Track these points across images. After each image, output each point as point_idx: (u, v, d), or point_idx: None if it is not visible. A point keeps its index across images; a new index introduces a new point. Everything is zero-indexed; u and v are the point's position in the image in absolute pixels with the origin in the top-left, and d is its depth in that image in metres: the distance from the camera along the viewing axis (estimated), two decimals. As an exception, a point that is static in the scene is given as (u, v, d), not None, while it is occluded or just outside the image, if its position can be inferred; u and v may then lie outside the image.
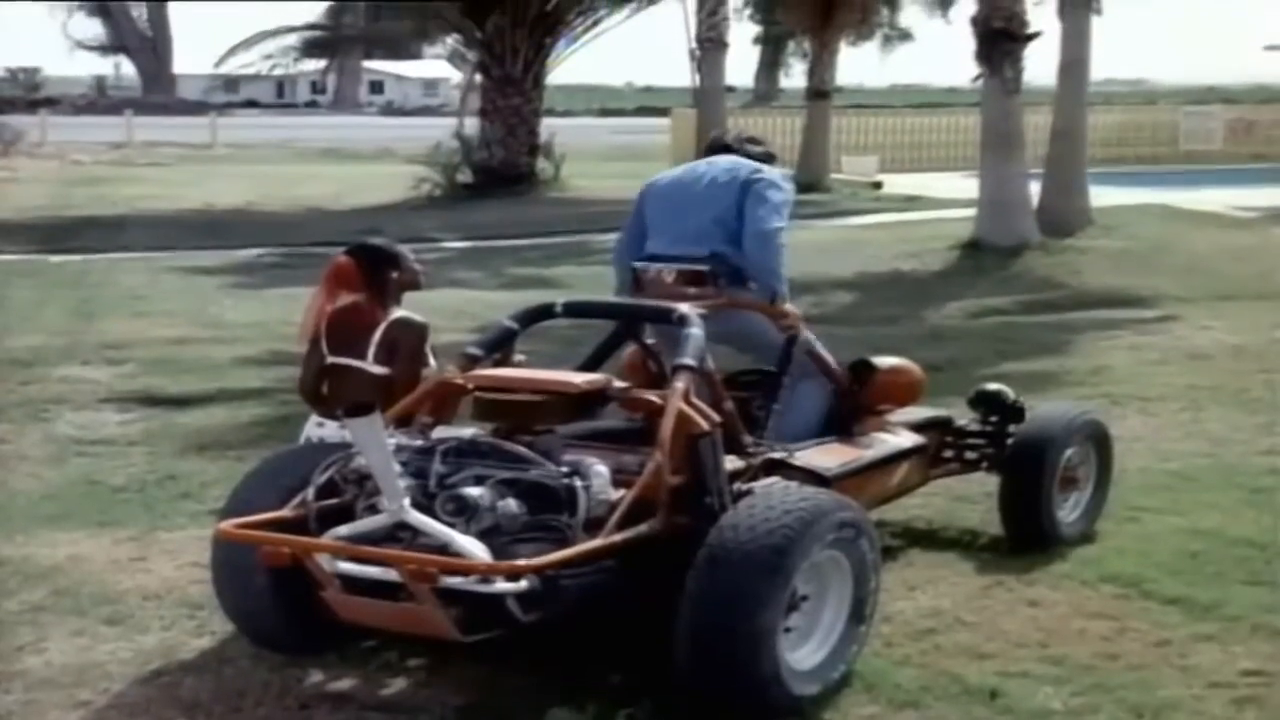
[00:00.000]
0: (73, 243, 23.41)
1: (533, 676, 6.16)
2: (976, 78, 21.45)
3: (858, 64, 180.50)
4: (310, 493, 6.02)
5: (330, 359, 7.21)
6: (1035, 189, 21.99)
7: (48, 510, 8.74)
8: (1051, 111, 23.58)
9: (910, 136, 40.15)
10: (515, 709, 5.91)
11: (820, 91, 34.49)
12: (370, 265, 7.35)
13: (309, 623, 6.14)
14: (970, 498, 8.62)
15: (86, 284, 19.21)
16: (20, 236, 24.37)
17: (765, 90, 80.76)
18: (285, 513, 6.00)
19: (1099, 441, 8.30)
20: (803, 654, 5.89)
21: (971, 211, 21.93)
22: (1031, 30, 21.16)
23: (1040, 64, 22.53)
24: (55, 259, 21.67)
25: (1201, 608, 7.02)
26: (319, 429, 7.20)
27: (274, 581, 6.02)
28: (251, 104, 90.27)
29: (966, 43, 21.40)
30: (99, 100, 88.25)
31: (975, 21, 21.19)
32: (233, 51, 38.51)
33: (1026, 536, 7.91)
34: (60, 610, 7.03)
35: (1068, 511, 8.07)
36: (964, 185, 25.80)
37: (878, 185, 33.16)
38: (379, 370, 7.09)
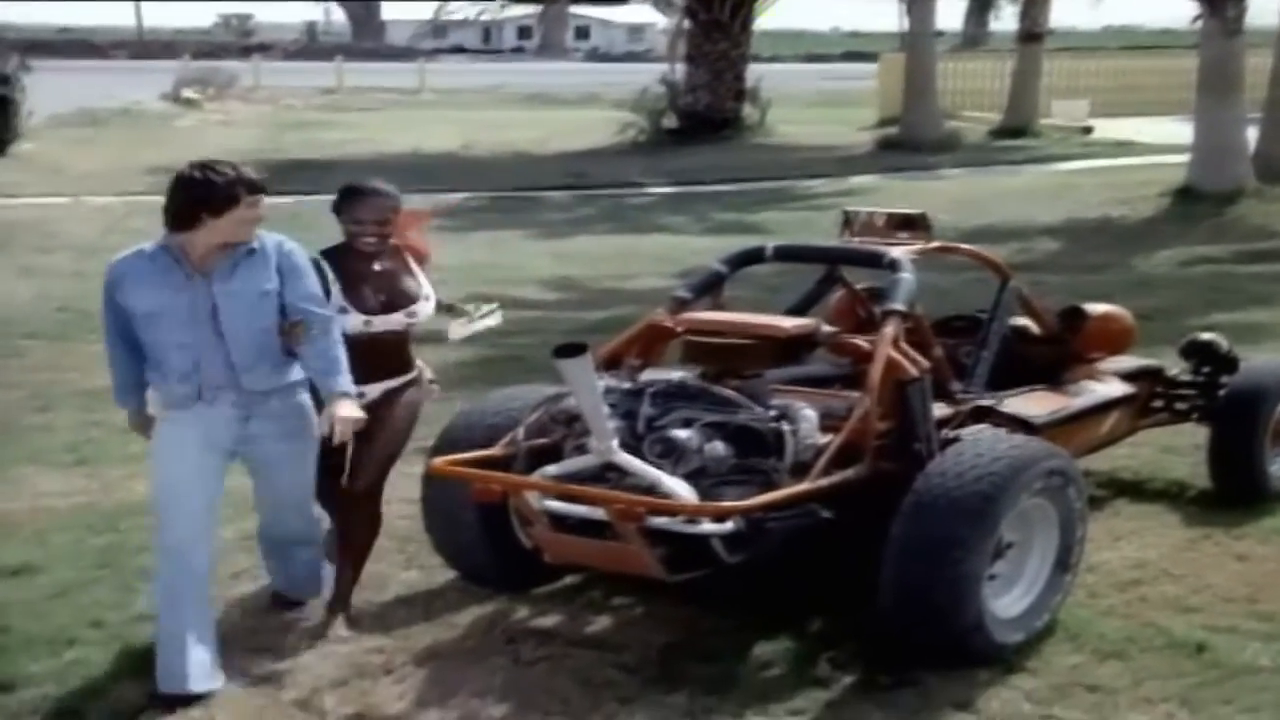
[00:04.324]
0: (285, 185, 23.80)
1: (736, 618, 6.22)
2: (1196, 18, 20.93)
3: (1070, 5, 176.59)
4: (520, 432, 6.12)
5: None
6: (1252, 134, 21.43)
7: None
8: (1272, 53, 22.89)
9: (1123, 80, 39.30)
10: (718, 649, 5.97)
11: (1032, 34, 33.87)
12: None
13: (516, 559, 6.26)
14: (1178, 449, 8.48)
15: (298, 225, 19.41)
16: (235, 179, 24.88)
17: (974, 34, 79.51)
18: (494, 451, 6.12)
19: (1315, 395, 8.11)
20: (1007, 602, 5.88)
21: (1185, 157, 21.42)
22: (1255, -31, 20.57)
23: (1262, 2, 21.90)
24: (268, 200, 22.14)
25: None
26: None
27: (483, 518, 6.15)
28: (458, 50, 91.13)
29: (1185, -18, 20.88)
30: (310, 46, 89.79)
31: (1195, -40, 20.65)
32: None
33: (1236, 490, 7.77)
34: (275, 541, 7.21)
35: (1280, 466, 7.92)
36: (1177, 130, 25.26)
37: (1088, 130, 32.57)
38: None
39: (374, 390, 6.23)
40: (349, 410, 5.65)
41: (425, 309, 6.42)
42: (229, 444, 5.72)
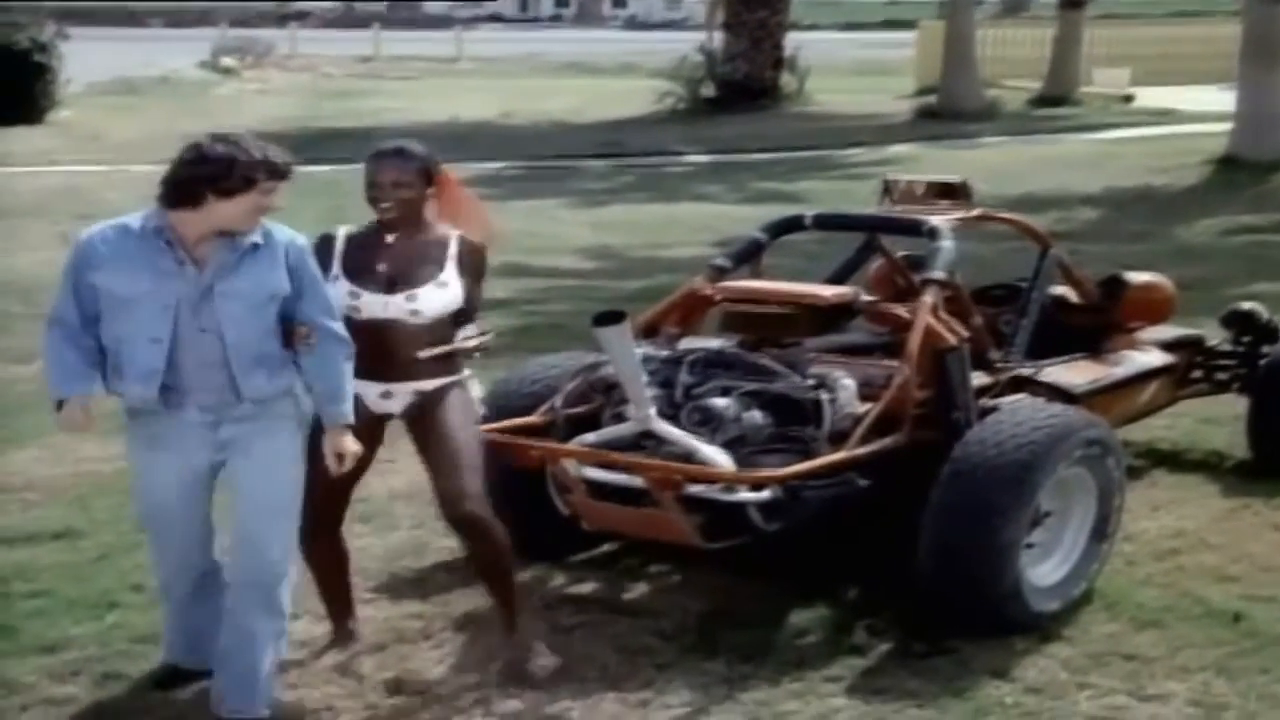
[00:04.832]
0: (322, 153, 23.89)
1: (773, 585, 6.24)
2: (1239, -16, 20.75)
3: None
4: (559, 400, 6.14)
5: None
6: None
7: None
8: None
9: (1164, 48, 38.85)
10: (755, 616, 6.00)
11: (1073, 1, 33.61)
12: None
13: (554, 526, 6.27)
14: (1217, 419, 8.45)
15: (335, 193, 19.55)
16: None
17: (1014, 1, 79.09)
18: (533, 419, 6.14)
19: (1356, 365, 8.06)
20: (1044, 570, 5.89)
21: (1226, 126, 21.28)
22: (1302, -68, 20.36)
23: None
24: (305, 168, 22.16)
25: None
26: None
27: (521, 485, 6.16)
28: (495, 18, 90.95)
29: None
30: (347, 14, 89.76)
31: (1239, -76, 20.46)
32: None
33: (1275, 460, 7.75)
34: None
35: (1320, 436, 7.86)
36: (1219, 99, 25.07)
37: (1129, 98, 32.29)
38: None
39: (402, 391, 5.45)
40: (353, 445, 5.16)
41: (434, 300, 5.37)
42: (206, 464, 5.03)
